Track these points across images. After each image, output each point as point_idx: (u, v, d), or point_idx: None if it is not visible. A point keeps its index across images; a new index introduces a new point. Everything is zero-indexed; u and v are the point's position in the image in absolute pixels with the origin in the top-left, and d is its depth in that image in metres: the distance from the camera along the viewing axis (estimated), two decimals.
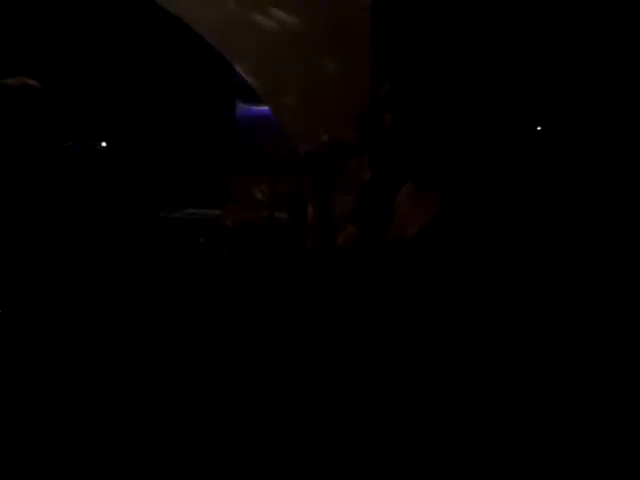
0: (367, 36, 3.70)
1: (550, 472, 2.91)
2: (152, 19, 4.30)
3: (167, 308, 3.44)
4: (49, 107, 2.86)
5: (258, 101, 4.59)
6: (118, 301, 2.92)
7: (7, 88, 2.80)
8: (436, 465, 2.11)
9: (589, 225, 3.44)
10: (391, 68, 2.18)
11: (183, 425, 3.25)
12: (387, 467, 2.17)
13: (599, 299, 3.38)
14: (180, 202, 4.01)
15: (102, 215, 2.99)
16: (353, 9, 3.77)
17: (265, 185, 4.12)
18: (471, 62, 2.57)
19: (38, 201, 2.75)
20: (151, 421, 3.16)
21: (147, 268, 3.24)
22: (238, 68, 3.91)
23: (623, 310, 3.35)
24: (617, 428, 3.11)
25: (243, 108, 4.92)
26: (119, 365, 2.82)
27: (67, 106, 3.01)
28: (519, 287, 2.12)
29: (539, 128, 3.41)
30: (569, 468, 2.96)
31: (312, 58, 3.77)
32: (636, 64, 3.40)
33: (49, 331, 2.67)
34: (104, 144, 3.53)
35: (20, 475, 2.59)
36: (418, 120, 2.13)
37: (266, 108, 4.56)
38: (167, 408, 3.28)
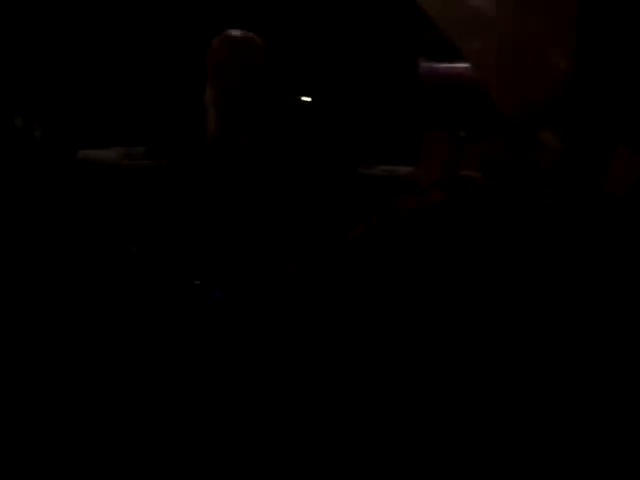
0: None
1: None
2: None
3: None
4: (269, 59, 2.91)
5: (445, 58, 4.51)
6: None
7: (235, 40, 2.86)
8: None
9: None
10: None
11: None
12: None
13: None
14: (373, 158, 4.02)
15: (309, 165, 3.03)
16: None
17: (458, 145, 4.06)
18: None
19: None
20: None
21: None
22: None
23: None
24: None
25: (426, 65, 4.85)
26: None
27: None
28: None
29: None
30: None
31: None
32: None
33: None
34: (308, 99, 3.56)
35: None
36: None
37: (453, 65, 4.48)
38: None
